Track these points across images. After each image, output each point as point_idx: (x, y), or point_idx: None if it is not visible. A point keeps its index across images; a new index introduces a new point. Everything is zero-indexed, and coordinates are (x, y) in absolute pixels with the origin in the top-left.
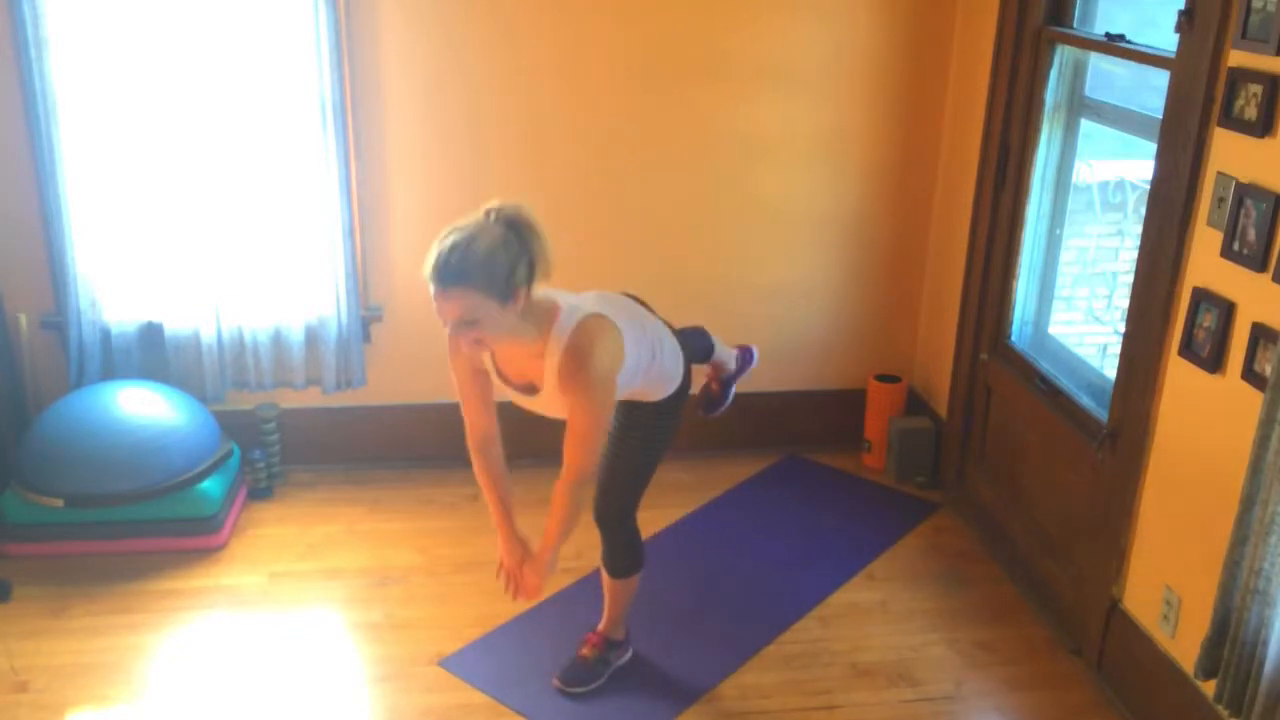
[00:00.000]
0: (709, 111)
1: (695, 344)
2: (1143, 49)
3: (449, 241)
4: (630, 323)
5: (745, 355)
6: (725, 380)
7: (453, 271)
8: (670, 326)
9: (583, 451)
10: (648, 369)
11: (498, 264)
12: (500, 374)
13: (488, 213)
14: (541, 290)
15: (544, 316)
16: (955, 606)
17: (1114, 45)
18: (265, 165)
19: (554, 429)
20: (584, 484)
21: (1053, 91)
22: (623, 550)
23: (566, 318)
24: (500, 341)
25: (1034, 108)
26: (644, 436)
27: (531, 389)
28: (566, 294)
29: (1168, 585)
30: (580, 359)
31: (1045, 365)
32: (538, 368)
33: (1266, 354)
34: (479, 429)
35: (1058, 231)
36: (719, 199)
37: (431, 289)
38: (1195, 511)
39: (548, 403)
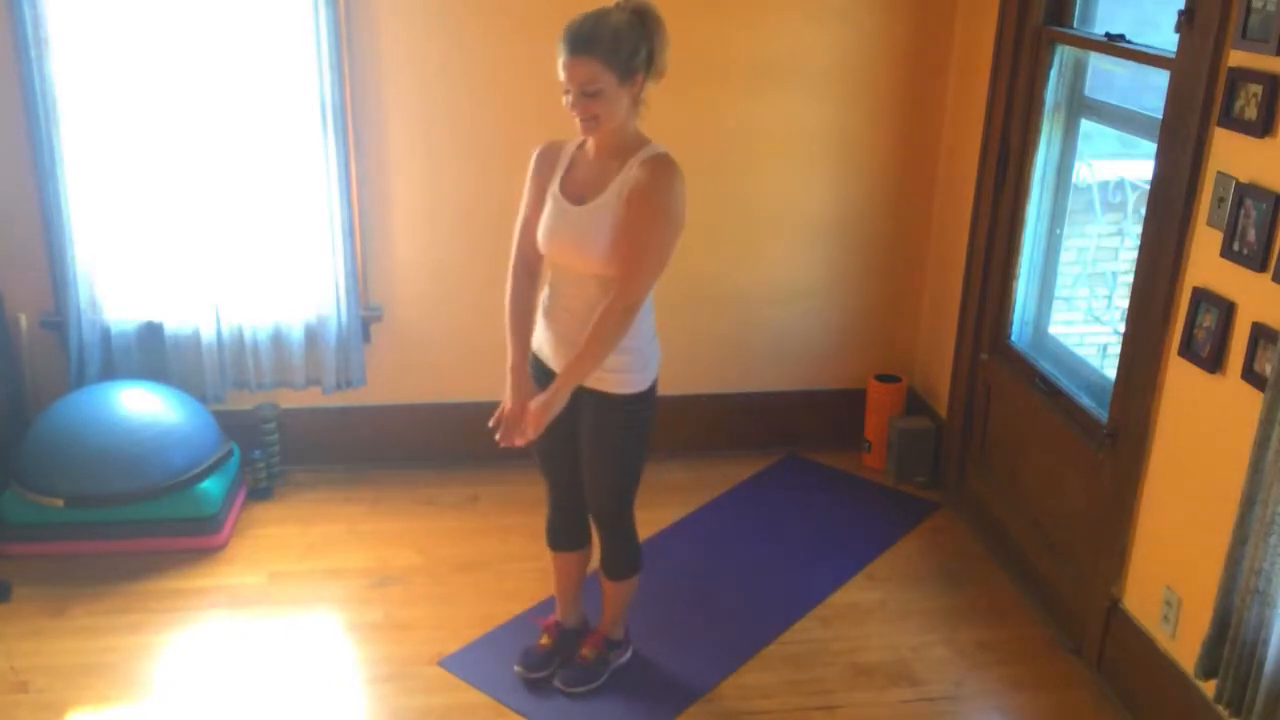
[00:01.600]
0: (710, 111)
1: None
2: (1143, 49)
3: (584, 14)
4: None
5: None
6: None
7: (585, 38)
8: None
9: (637, 270)
10: (638, 330)
11: (624, 41)
12: (564, 180)
13: (619, 5)
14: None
15: (639, 135)
16: (955, 606)
17: (1114, 45)
18: (265, 165)
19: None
20: (632, 311)
21: (1053, 91)
22: (621, 553)
23: (652, 148)
24: (610, 122)
25: (1034, 108)
26: (619, 440)
27: (582, 200)
28: None
29: (1168, 585)
30: (664, 170)
31: (1045, 365)
32: (609, 174)
33: (1266, 354)
34: (528, 253)
35: (1058, 231)
36: (719, 199)
37: (561, 57)
38: (1195, 511)
39: (590, 217)
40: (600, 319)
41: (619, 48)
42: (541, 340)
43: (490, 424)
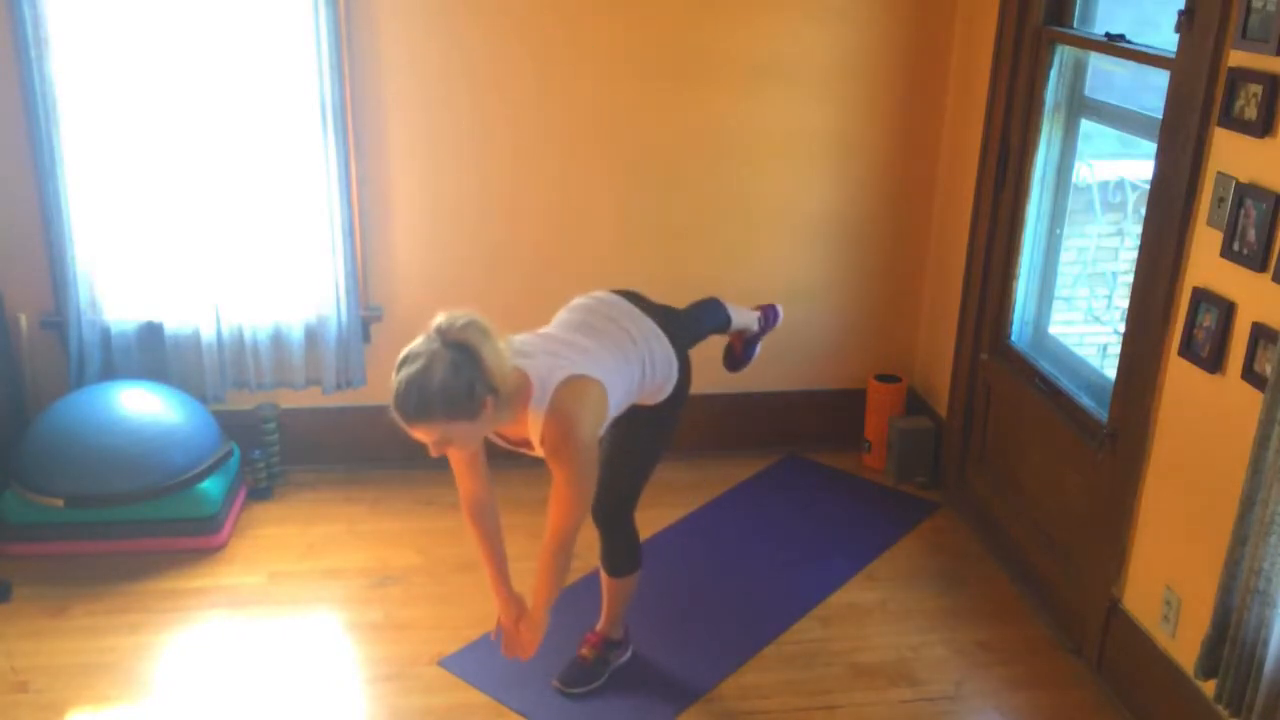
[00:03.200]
0: (710, 111)
1: (710, 320)
2: (1143, 49)
3: (403, 375)
4: (610, 358)
5: (769, 315)
6: (749, 339)
7: (414, 409)
8: (672, 313)
9: (567, 514)
10: (639, 388)
11: (455, 391)
12: (494, 439)
13: (436, 332)
14: (509, 354)
15: (517, 394)
16: (955, 606)
17: (1114, 45)
18: (265, 165)
19: None
20: (568, 545)
21: (1053, 91)
22: (621, 549)
23: (540, 392)
24: (479, 440)
25: (1034, 108)
26: (642, 436)
27: (529, 444)
28: (535, 348)
29: (1168, 585)
30: (561, 433)
31: (1045, 365)
32: (524, 431)
33: (1266, 354)
34: (473, 496)
35: (1058, 231)
36: (719, 198)
37: (399, 422)
38: (1195, 511)
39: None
40: (543, 560)
41: (453, 399)
42: None
43: (491, 638)
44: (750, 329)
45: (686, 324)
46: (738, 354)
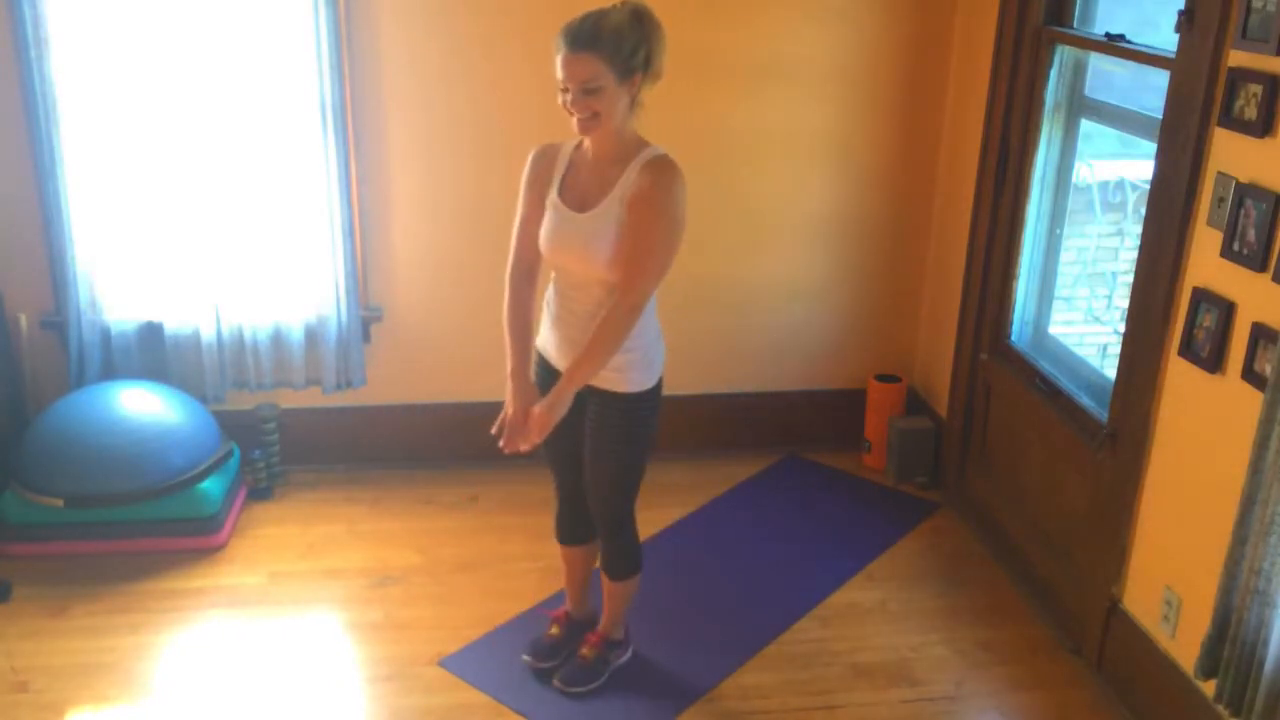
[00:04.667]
0: (710, 111)
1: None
2: (1143, 49)
3: (584, 14)
4: None
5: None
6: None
7: (586, 35)
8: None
9: (641, 271)
10: (642, 330)
11: (624, 39)
12: (562, 185)
13: (617, 6)
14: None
15: (637, 137)
16: (955, 606)
17: (1114, 45)
18: (265, 165)
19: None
20: (636, 311)
21: (1053, 91)
22: (621, 553)
23: (656, 149)
24: (609, 122)
25: (1034, 108)
26: (622, 439)
27: (583, 207)
28: None
29: (1168, 585)
30: (666, 171)
31: (1045, 365)
32: (608, 180)
33: (1266, 354)
34: (525, 258)
35: (1058, 231)
36: (719, 199)
37: (560, 54)
38: (1195, 511)
39: (592, 224)
40: (604, 320)
41: (620, 45)
42: (546, 341)
43: (493, 430)
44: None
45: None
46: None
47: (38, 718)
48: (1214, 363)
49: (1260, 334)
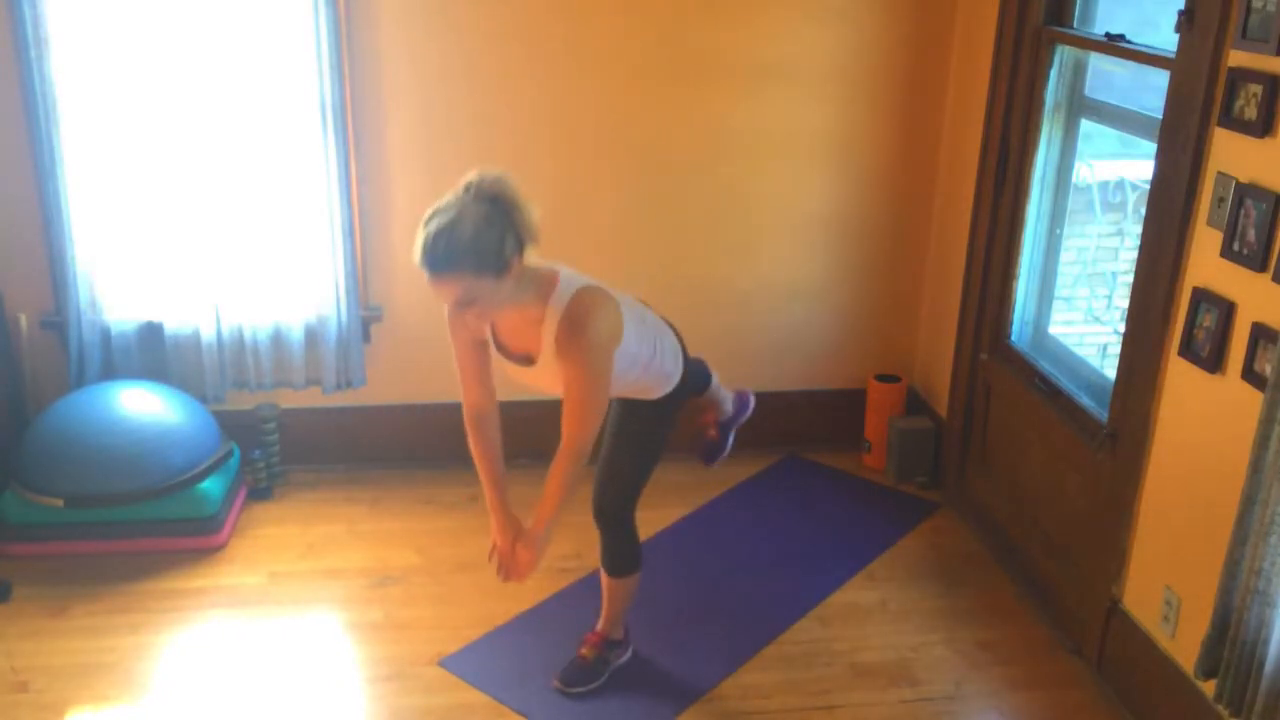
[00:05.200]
0: (710, 111)
1: (695, 371)
2: (1143, 49)
3: (434, 227)
4: (630, 309)
5: (742, 400)
6: (723, 425)
7: (442, 259)
8: (674, 328)
9: (580, 423)
10: (647, 363)
11: (485, 243)
12: (499, 345)
13: (467, 188)
14: (542, 260)
15: (543, 284)
16: (955, 606)
17: (1114, 45)
18: (265, 165)
19: (553, 427)
20: (581, 458)
21: (1053, 91)
22: (621, 550)
23: (565, 286)
24: (501, 310)
25: (1034, 108)
26: (641, 435)
27: (529, 359)
28: (570, 269)
29: (1168, 585)
30: (578, 325)
31: (1045, 365)
32: (536, 335)
33: (1266, 354)
34: (476, 403)
35: (1058, 231)
36: (719, 198)
37: (425, 274)
38: (1195, 511)
39: (545, 374)
40: (554, 471)
41: (482, 254)
42: None
43: (488, 559)
44: (724, 408)
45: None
46: (714, 442)
47: (38, 718)
48: (1214, 363)
49: (1260, 334)
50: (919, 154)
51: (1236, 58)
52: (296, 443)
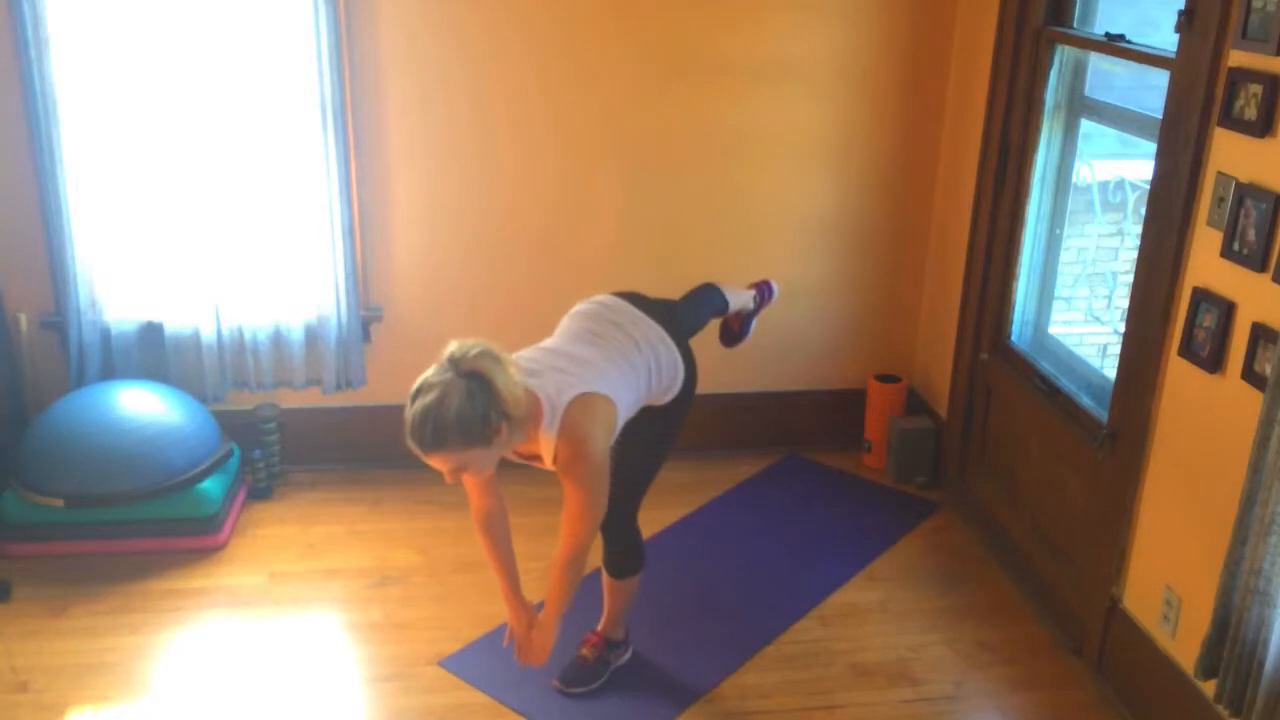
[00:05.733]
0: (710, 111)
1: (707, 307)
2: (1143, 49)
3: (419, 406)
4: (615, 370)
5: (764, 291)
6: (745, 316)
7: (429, 439)
8: (672, 310)
9: (580, 529)
10: (646, 394)
11: (469, 420)
12: (507, 454)
13: (449, 362)
14: (519, 376)
15: (529, 416)
16: (955, 606)
17: (1114, 45)
18: (265, 165)
19: None
20: (581, 559)
21: (1053, 91)
22: (623, 551)
23: (550, 413)
24: (493, 466)
25: (1034, 108)
26: (647, 440)
27: (535, 458)
28: (542, 365)
29: (1168, 585)
30: (574, 453)
31: (1045, 365)
32: (535, 444)
33: (1266, 354)
34: (483, 507)
35: (1058, 231)
36: (720, 198)
37: (415, 450)
38: (1195, 511)
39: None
40: (556, 574)
41: (468, 430)
42: None
43: (504, 644)
44: (747, 308)
45: (686, 317)
46: (735, 330)
47: (38, 718)
48: (1214, 363)
49: (1260, 334)
50: (919, 154)
51: (1236, 58)
52: (296, 443)
